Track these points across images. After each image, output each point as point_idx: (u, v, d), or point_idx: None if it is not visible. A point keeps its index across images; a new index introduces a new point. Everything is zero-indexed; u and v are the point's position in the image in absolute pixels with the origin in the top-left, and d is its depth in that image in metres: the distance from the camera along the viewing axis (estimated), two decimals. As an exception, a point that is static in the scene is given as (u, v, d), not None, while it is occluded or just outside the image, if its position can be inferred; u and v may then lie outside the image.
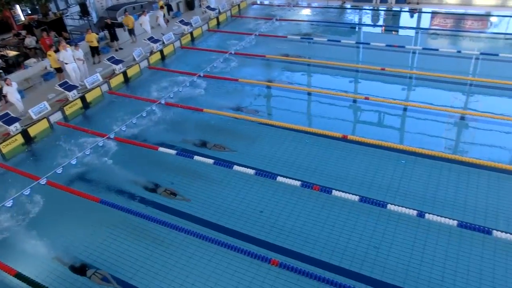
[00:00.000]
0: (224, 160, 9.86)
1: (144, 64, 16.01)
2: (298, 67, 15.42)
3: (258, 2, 24.43)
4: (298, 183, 8.86)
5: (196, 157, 9.94)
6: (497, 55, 14.79)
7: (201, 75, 14.63)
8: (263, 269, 7.04)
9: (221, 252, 7.44)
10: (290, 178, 9.01)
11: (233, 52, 16.34)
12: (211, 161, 9.80)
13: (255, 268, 7.09)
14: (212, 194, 8.96)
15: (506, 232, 7.27)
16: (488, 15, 19.31)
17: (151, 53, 16.56)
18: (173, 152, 10.25)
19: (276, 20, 20.47)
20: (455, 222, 7.57)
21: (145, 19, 17.78)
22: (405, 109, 11.97)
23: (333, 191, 8.55)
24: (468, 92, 12.82)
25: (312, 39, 17.76)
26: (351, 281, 6.73)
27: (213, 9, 20.90)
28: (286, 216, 8.19)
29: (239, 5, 22.69)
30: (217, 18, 20.65)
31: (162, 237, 7.90)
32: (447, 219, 7.65)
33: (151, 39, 16.86)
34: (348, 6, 22.42)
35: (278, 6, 23.44)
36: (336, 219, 8.04)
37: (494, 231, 7.34)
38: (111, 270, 7.28)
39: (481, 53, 14.91)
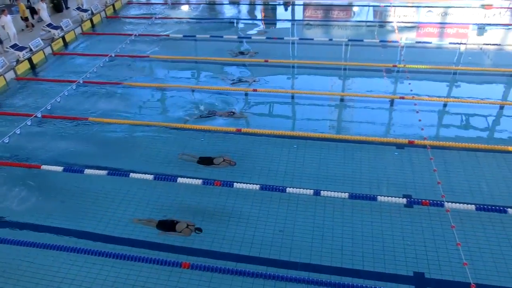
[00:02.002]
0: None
1: (10, 75, 14.18)
2: (184, 65, 15.26)
3: (134, 1, 23.43)
4: (199, 181, 8.84)
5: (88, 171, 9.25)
6: (362, 40, 16.55)
7: (81, 81, 13.55)
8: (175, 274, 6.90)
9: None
10: (189, 177, 8.95)
11: (113, 55, 15.46)
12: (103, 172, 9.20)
13: (166, 274, 6.90)
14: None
15: (387, 196, 8.22)
16: (351, 5, 21.42)
17: (18, 62, 14.76)
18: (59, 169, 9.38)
19: (156, 18, 19.91)
20: (347, 195, 8.31)
21: (7, 20, 15.62)
22: (292, 97, 12.70)
23: (235, 183, 8.70)
24: (343, 76, 14.10)
25: (195, 36, 17.69)
26: (263, 267, 6.95)
27: (85, 11, 19.43)
28: (191, 215, 8.12)
29: (113, 5, 21.46)
30: (91, 20, 19.26)
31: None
32: (339, 193, 8.35)
33: (15, 46, 15.01)
34: (227, 1, 22.89)
35: (156, 4, 22.81)
36: (241, 210, 8.21)
37: (379, 196, 8.24)
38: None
39: (349, 40, 16.53)
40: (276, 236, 7.56)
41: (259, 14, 21.91)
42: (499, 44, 16.44)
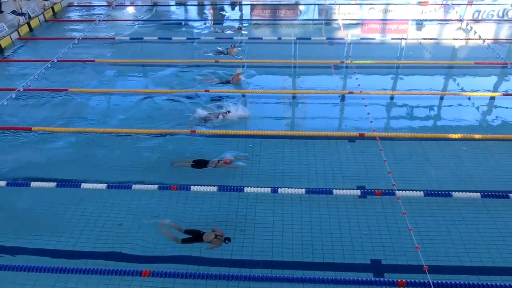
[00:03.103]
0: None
1: None
2: (131, 69, 14.83)
3: (75, 3, 22.41)
4: (155, 187, 8.64)
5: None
6: (309, 38, 16.94)
7: (21, 89, 12.77)
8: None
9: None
10: (145, 183, 8.73)
11: (55, 60, 14.70)
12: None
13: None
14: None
15: (342, 189, 8.47)
16: (297, 4, 21.84)
17: None
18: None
19: (100, 21, 19.19)
20: (303, 190, 8.48)
21: None
22: (243, 96, 12.74)
23: (192, 186, 8.59)
24: (293, 74, 14.34)
25: (142, 38, 17.26)
26: (224, 268, 6.92)
27: (21, 14, 18.30)
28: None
29: (53, 8, 20.39)
30: (29, 24, 18.18)
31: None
32: (296, 189, 8.50)
33: None
34: (173, 2, 22.52)
35: (99, 6, 21.98)
36: (201, 211, 8.12)
37: (334, 190, 8.47)
38: None
39: (297, 38, 16.86)
40: (238, 236, 7.55)
41: (207, 14, 21.76)
42: (436, 38, 17.46)
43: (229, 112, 11.09)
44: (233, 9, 21.88)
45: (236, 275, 6.76)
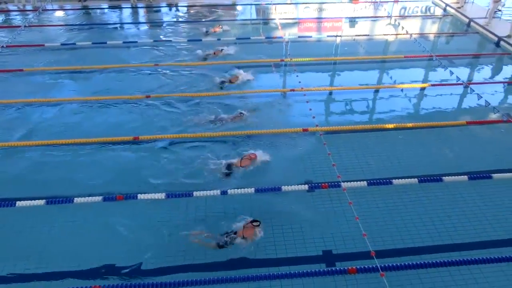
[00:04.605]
0: None
1: None
2: (66, 76, 14.04)
3: (-4, 9, 20.81)
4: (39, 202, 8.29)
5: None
6: (249, 38, 17.09)
7: None
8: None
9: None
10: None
11: (-22, 71, 13.57)
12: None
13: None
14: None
15: (292, 185, 8.65)
16: (235, 4, 21.91)
17: None
18: None
19: (26, 27, 17.98)
20: (253, 189, 8.53)
21: None
22: (188, 100, 12.54)
23: (76, 198, 8.28)
24: (235, 73, 14.31)
25: (74, 44, 16.41)
26: (159, 277, 6.80)
27: None
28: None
29: (-30, 14, 18.81)
30: None
31: None
32: (248, 189, 8.54)
33: None
34: (106, 6, 21.63)
35: (25, 11, 20.58)
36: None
37: (283, 186, 8.61)
38: None
39: (237, 38, 16.93)
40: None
41: (142, 17, 21.17)
42: (368, 35, 18.39)
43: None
44: (170, 10, 21.49)
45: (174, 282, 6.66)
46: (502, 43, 16.62)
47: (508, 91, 13.67)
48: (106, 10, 21.26)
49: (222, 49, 15.33)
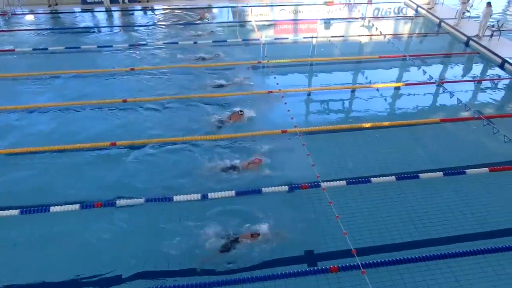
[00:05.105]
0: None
1: None
2: (38, 82, 13.68)
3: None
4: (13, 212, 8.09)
5: None
6: (225, 41, 17.07)
7: None
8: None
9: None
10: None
11: None
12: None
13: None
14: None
15: (272, 186, 8.69)
16: (210, 7, 21.84)
17: None
18: None
19: (-6, 32, 17.45)
20: (233, 193, 8.51)
21: None
22: (165, 103, 12.41)
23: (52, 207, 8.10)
24: (212, 76, 14.26)
25: (47, 49, 16.02)
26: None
27: None
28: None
29: None
30: None
31: None
32: (227, 192, 8.52)
33: None
34: (79, 10, 21.21)
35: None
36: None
37: (263, 188, 8.63)
38: None
39: (213, 41, 16.89)
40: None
41: (117, 20, 20.85)
42: (344, 36, 18.66)
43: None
44: (144, 14, 21.23)
45: None
46: (471, 42, 17.18)
47: (478, 89, 14.14)
48: (78, 14, 20.81)
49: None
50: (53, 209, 8.05)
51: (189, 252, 7.21)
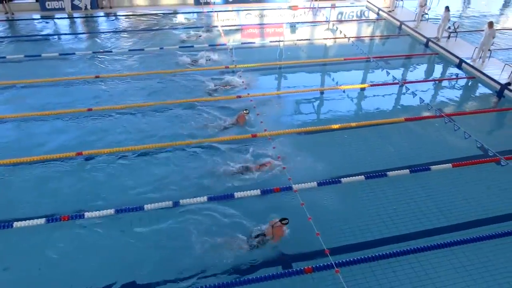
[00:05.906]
0: None
1: None
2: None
3: None
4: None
5: None
6: (192, 46, 16.94)
7: None
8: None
9: None
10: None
11: None
12: None
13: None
14: None
15: (244, 191, 8.68)
16: (176, 12, 21.66)
17: None
18: None
19: None
20: (205, 198, 8.48)
21: None
22: (142, 110, 12.19)
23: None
24: (180, 81, 14.12)
25: (5, 57, 15.38)
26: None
27: None
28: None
29: None
30: None
31: None
32: (199, 197, 8.47)
33: None
34: (38, 16, 20.49)
35: None
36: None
37: (235, 193, 8.60)
38: None
39: (180, 47, 16.76)
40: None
41: (80, 27, 20.28)
42: (309, 39, 18.96)
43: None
44: (108, 20, 20.77)
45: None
46: (430, 43, 17.87)
47: (439, 88, 14.71)
48: (37, 22, 20.10)
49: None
50: (16, 224, 7.70)
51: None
